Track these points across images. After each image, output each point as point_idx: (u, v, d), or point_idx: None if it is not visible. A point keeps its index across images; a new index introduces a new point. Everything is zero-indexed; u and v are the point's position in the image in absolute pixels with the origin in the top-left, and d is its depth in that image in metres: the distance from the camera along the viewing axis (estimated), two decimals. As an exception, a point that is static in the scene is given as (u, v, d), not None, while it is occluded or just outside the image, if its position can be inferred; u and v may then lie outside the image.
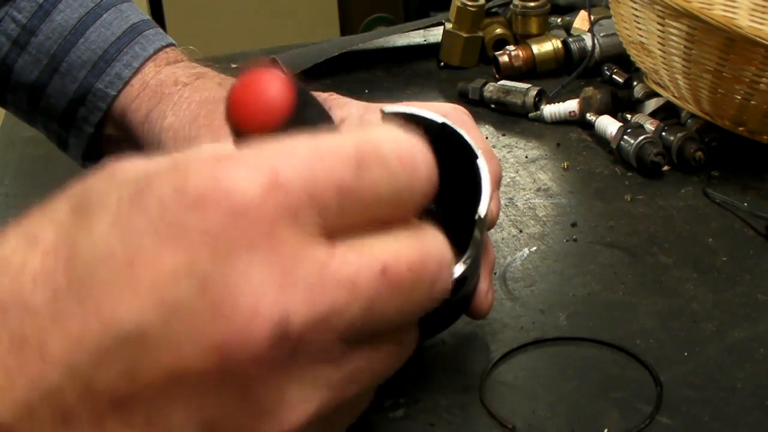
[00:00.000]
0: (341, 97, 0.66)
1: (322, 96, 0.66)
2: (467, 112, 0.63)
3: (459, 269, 0.53)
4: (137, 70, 0.72)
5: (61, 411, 0.30)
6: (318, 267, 0.31)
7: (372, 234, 0.33)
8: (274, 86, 0.33)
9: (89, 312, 0.30)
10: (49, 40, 0.72)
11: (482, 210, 0.55)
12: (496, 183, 0.60)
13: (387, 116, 0.59)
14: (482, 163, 0.56)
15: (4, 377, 0.30)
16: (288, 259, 0.30)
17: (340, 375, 0.33)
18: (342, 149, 0.32)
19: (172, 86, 0.70)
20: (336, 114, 0.64)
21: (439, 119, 0.58)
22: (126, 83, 0.71)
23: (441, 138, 0.58)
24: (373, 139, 0.33)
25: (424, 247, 0.33)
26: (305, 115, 0.34)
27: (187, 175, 0.30)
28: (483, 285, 0.59)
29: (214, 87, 0.69)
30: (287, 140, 0.32)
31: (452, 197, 0.60)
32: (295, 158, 0.31)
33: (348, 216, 0.32)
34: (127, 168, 0.33)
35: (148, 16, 0.77)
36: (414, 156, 0.33)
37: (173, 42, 0.76)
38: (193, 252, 0.29)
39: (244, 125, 0.33)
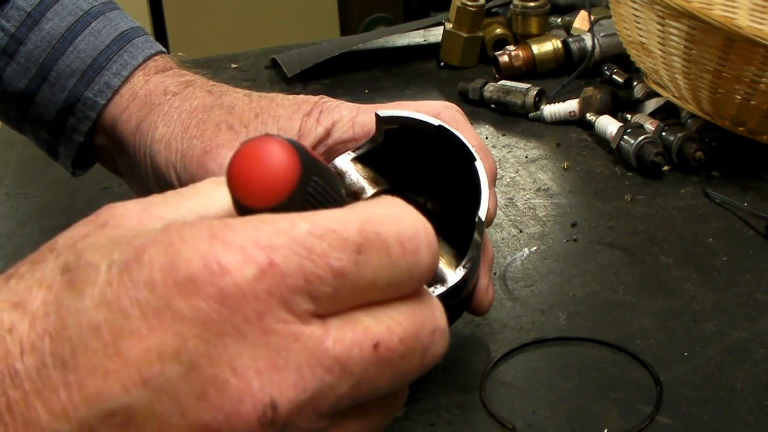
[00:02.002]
0: (332, 99, 0.66)
1: (313, 100, 0.66)
2: (459, 109, 0.63)
3: (459, 273, 0.53)
4: (126, 79, 0.72)
5: None
6: (309, 348, 0.31)
7: (366, 309, 0.32)
8: (277, 158, 0.31)
9: (74, 387, 0.30)
10: (37, 48, 0.72)
11: (481, 213, 0.55)
12: (492, 180, 0.60)
13: (382, 119, 0.59)
14: (480, 166, 0.56)
15: None
16: (278, 342, 0.30)
17: None
18: (343, 231, 0.31)
19: (161, 96, 0.70)
20: (327, 118, 0.64)
21: (436, 122, 0.57)
22: (115, 92, 0.71)
23: (437, 140, 0.58)
24: (376, 221, 0.32)
25: (418, 319, 0.33)
26: (311, 187, 0.32)
27: (179, 253, 0.30)
28: (483, 281, 0.59)
29: (204, 95, 0.69)
30: (287, 218, 0.31)
31: (449, 197, 0.60)
32: (293, 240, 0.30)
33: (343, 299, 0.31)
34: (119, 222, 0.32)
35: (137, 24, 0.76)
36: (417, 241, 0.33)
37: (163, 49, 0.76)
38: (181, 335, 0.29)
39: (246, 199, 0.32)
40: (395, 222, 0.32)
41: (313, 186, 0.33)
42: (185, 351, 0.29)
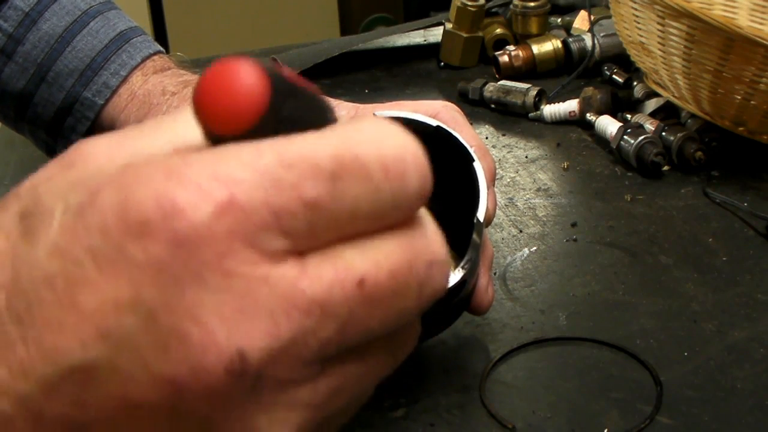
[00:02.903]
0: (331, 99, 0.66)
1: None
2: (458, 109, 0.63)
3: (458, 274, 0.53)
4: (125, 79, 0.72)
5: None
6: (283, 289, 0.28)
7: (351, 242, 0.29)
8: (244, 78, 0.28)
9: (31, 343, 0.28)
10: (35, 49, 0.72)
11: (480, 214, 0.55)
12: (491, 180, 0.60)
13: None
14: (479, 167, 0.56)
15: None
16: (244, 285, 0.27)
17: (319, 393, 0.30)
18: (315, 157, 0.28)
19: (160, 96, 0.70)
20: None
21: (433, 122, 0.57)
22: (113, 92, 0.71)
23: (436, 140, 0.58)
24: (354, 143, 0.29)
25: (410, 249, 0.30)
26: (286, 110, 0.29)
27: (132, 194, 0.27)
28: (482, 281, 0.59)
29: None
30: (253, 147, 0.28)
31: (448, 198, 0.60)
32: (258, 170, 0.27)
33: (321, 233, 0.28)
34: (87, 161, 0.30)
35: (135, 23, 0.76)
36: (402, 163, 0.29)
37: (161, 49, 0.76)
38: (136, 283, 0.27)
39: (212, 125, 0.28)
40: (376, 143, 0.29)
41: (290, 110, 0.29)
42: (141, 301, 0.27)
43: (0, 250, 0.29)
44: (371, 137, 0.29)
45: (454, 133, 0.57)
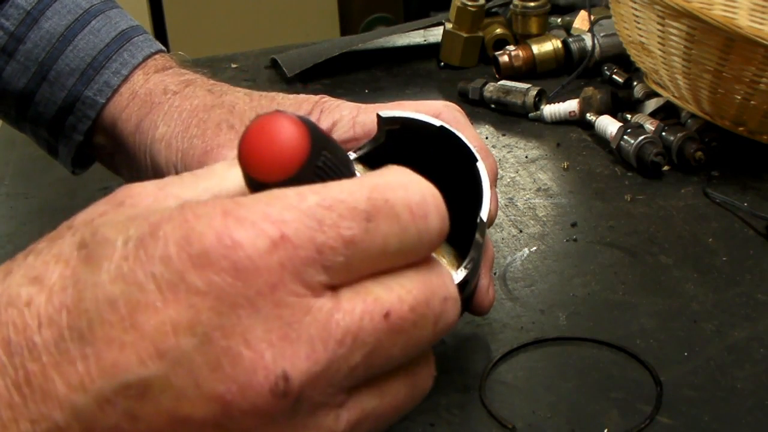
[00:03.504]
0: (333, 99, 0.66)
1: (313, 99, 0.66)
2: (460, 109, 0.63)
3: (461, 273, 0.53)
4: (126, 78, 0.72)
5: None
6: (321, 320, 0.31)
7: (378, 279, 0.33)
8: (287, 132, 0.32)
9: (91, 359, 0.30)
10: (37, 47, 0.72)
11: (483, 213, 0.55)
12: (493, 180, 0.61)
13: (383, 120, 0.59)
14: (482, 167, 0.56)
15: (10, 412, 0.30)
16: (291, 314, 0.31)
17: (345, 419, 0.33)
18: (352, 201, 0.32)
19: (161, 95, 0.70)
20: (328, 117, 0.64)
21: (437, 122, 0.57)
22: (115, 91, 0.71)
23: (438, 140, 0.58)
24: (384, 189, 0.32)
25: (429, 286, 0.33)
26: (322, 159, 0.33)
27: (193, 228, 0.31)
28: (484, 281, 0.59)
29: (204, 94, 0.69)
30: (296, 192, 0.32)
31: (450, 197, 0.60)
32: (303, 212, 0.31)
33: (355, 269, 0.32)
34: (136, 201, 0.33)
35: (137, 22, 0.76)
36: (425, 206, 0.33)
37: (162, 48, 0.76)
38: (195, 308, 0.30)
39: (257, 174, 0.32)
40: (403, 188, 0.33)
41: (323, 160, 0.33)
42: (199, 323, 0.30)
43: (60, 275, 0.32)
44: (398, 183, 0.33)
45: (457, 133, 0.57)
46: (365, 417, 0.34)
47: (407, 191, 0.33)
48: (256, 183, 0.32)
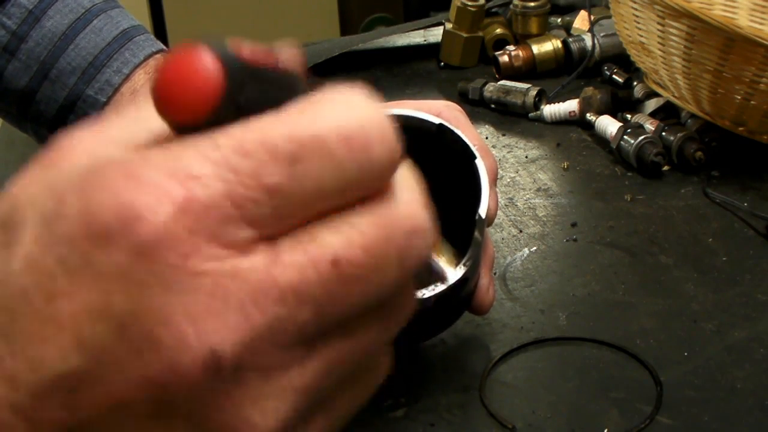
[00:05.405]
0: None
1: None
2: (460, 108, 0.63)
3: (460, 271, 0.53)
4: (127, 77, 0.72)
5: None
6: (252, 281, 0.28)
7: (324, 221, 0.29)
8: (197, 66, 0.27)
9: (17, 353, 0.28)
10: (38, 46, 0.72)
11: (482, 211, 0.55)
12: (493, 180, 0.61)
13: None
14: (481, 164, 0.56)
15: None
16: (212, 282, 0.27)
17: (308, 375, 0.30)
18: (271, 141, 0.27)
19: None
20: None
21: (436, 120, 0.57)
22: (116, 90, 0.71)
23: (438, 138, 0.58)
24: (312, 120, 0.28)
25: (385, 221, 0.29)
26: (246, 95, 0.28)
27: (93, 199, 0.27)
28: (484, 281, 0.59)
29: None
30: (210, 138, 0.28)
31: (450, 196, 0.60)
32: (215, 162, 0.27)
33: (288, 217, 0.28)
34: (66, 156, 0.30)
35: (138, 22, 0.77)
36: (365, 134, 0.28)
37: (164, 48, 0.76)
38: (104, 292, 0.27)
39: (169, 115, 0.28)
40: (335, 117, 0.28)
41: (250, 94, 0.28)
42: (111, 309, 0.27)
43: None
44: (330, 112, 0.29)
45: (457, 131, 0.57)
46: (336, 361, 0.30)
47: (341, 119, 0.28)
48: (174, 125, 0.28)
